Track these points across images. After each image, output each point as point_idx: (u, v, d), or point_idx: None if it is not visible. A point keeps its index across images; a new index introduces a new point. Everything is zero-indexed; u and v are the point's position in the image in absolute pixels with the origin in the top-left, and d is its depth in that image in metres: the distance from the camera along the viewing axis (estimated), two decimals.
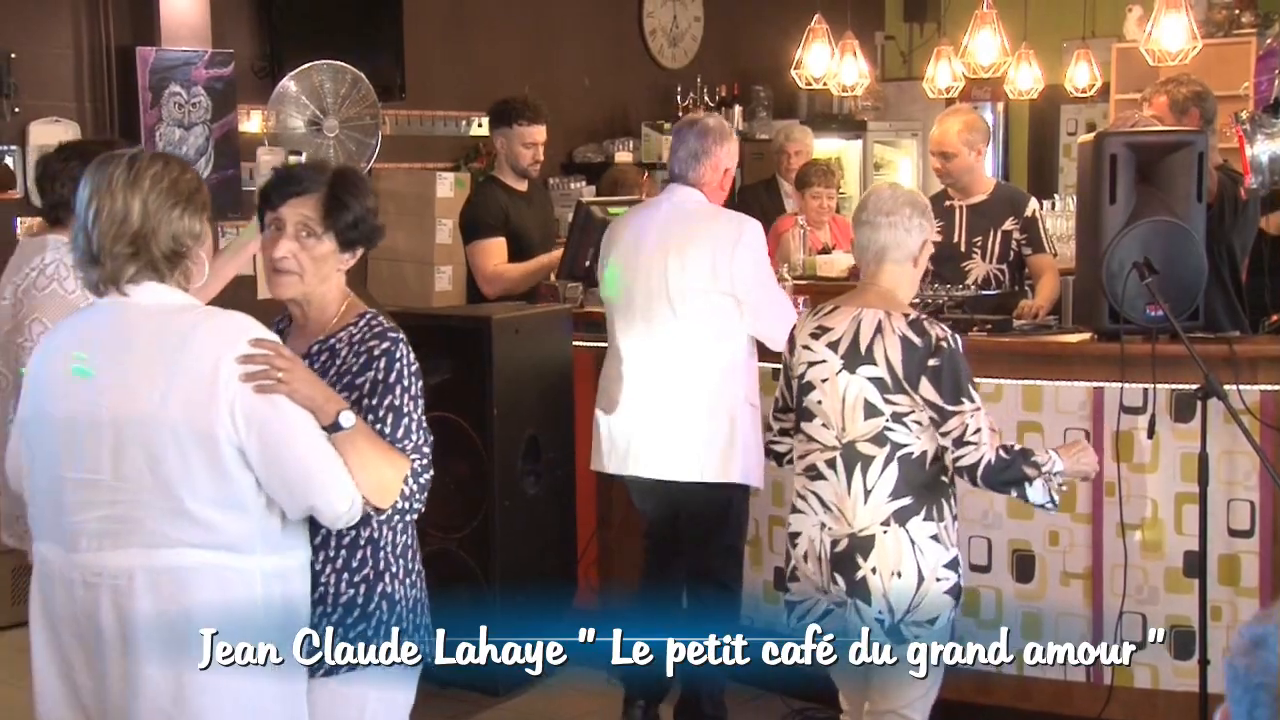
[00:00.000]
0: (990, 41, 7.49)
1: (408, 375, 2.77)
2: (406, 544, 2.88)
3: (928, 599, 3.39)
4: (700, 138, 4.31)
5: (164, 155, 2.75)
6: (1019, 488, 3.35)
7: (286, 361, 2.61)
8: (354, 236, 2.82)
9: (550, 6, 8.62)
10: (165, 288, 2.66)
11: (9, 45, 6.18)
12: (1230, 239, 4.87)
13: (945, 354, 3.34)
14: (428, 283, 7.40)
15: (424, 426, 2.79)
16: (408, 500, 2.73)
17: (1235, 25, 8.85)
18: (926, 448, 3.39)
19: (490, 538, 4.87)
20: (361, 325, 2.82)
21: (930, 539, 3.39)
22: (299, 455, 2.61)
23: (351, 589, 2.78)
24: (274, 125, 6.68)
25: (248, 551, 2.64)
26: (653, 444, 4.31)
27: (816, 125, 8.78)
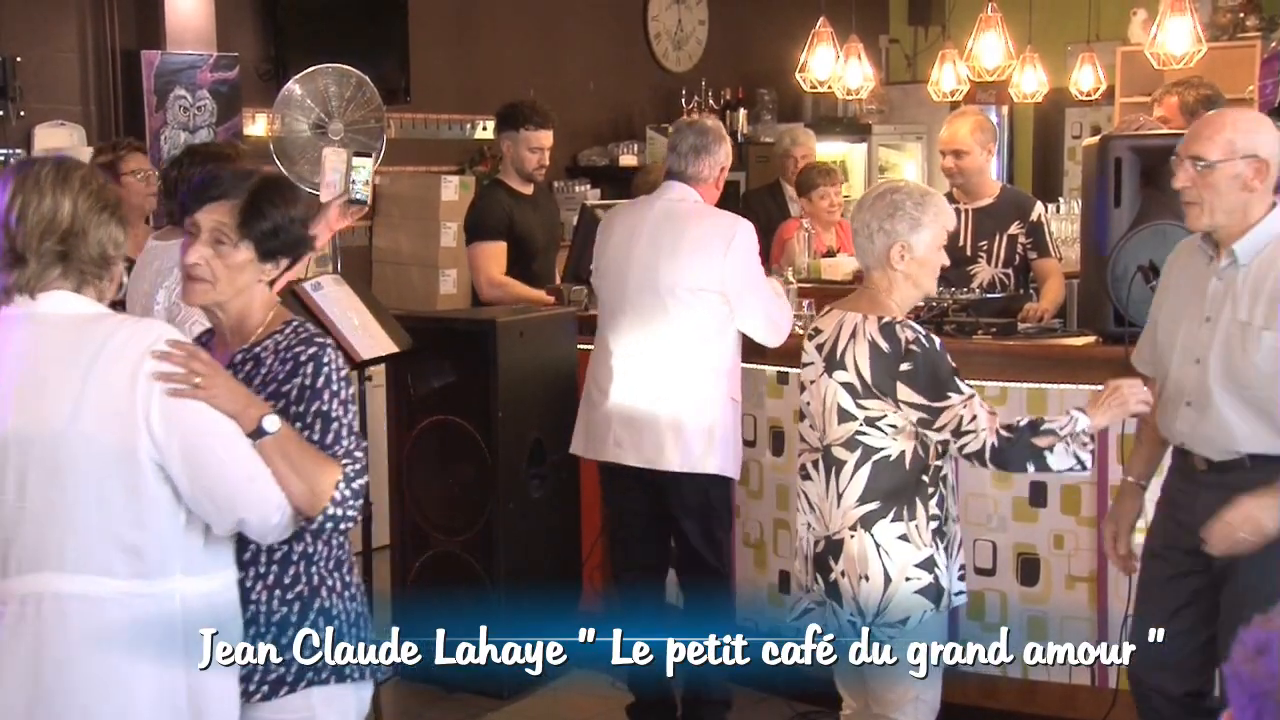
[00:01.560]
0: (995, 45, 7.49)
1: (336, 380, 2.67)
2: (340, 558, 2.76)
3: (895, 600, 3.40)
4: (700, 135, 4.39)
5: (77, 161, 2.69)
6: (1037, 460, 3.29)
7: (205, 366, 2.52)
8: (273, 246, 2.70)
9: (555, 10, 8.63)
10: (76, 297, 2.58)
11: (14, 49, 6.18)
12: None
13: (917, 356, 3.33)
14: (432, 286, 7.41)
15: (355, 432, 2.69)
16: (340, 507, 2.62)
17: (1240, 28, 8.85)
18: (904, 448, 3.38)
19: (494, 541, 4.87)
20: (287, 332, 2.71)
21: (898, 539, 3.39)
22: (223, 463, 2.52)
23: (285, 606, 2.68)
24: (279, 129, 6.68)
25: (165, 575, 2.53)
26: (637, 434, 4.35)
27: (821, 128, 8.79)
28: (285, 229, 2.70)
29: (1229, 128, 3.32)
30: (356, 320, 4.61)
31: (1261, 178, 3.28)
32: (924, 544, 3.38)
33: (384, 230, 7.60)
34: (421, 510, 5.04)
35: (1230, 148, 3.28)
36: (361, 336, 4.60)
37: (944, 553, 3.41)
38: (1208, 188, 3.31)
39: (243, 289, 2.70)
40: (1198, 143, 3.33)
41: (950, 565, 3.44)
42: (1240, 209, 3.30)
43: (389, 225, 7.58)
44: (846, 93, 7.70)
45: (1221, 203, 3.30)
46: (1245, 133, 3.30)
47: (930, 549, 3.38)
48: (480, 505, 4.88)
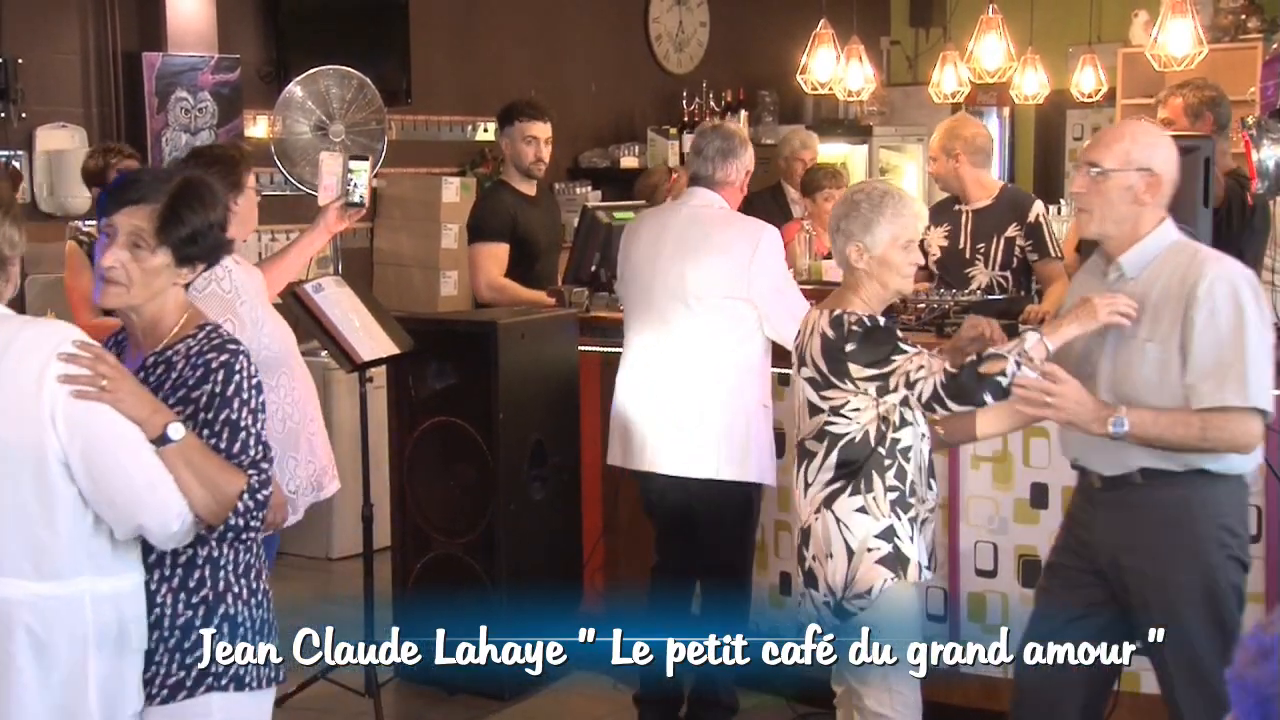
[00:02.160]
0: (996, 46, 7.48)
1: (247, 388, 2.65)
2: (250, 563, 2.75)
3: (860, 573, 3.47)
4: (727, 139, 4.42)
5: None
6: (991, 387, 3.25)
7: (111, 369, 2.52)
8: (192, 252, 2.67)
9: (556, 11, 8.63)
10: None
11: (16, 51, 6.18)
12: (1239, 244, 4.86)
13: (858, 334, 3.40)
14: (433, 287, 7.41)
15: (264, 442, 2.67)
16: (243, 517, 2.62)
17: (1241, 30, 8.84)
18: (868, 428, 3.45)
19: (495, 542, 4.87)
20: (200, 338, 2.68)
21: (856, 512, 3.47)
22: (124, 468, 2.52)
23: (190, 610, 2.67)
24: (280, 130, 6.69)
25: (73, 575, 2.56)
26: (670, 442, 4.36)
27: (822, 130, 8.78)
28: (203, 234, 2.67)
29: (1128, 138, 3.33)
30: (357, 322, 4.61)
31: (1153, 192, 3.27)
32: (882, 514, 3.45)
33: (385, 232, 7.60)
34: (422, 512, 5.03)
35: (1125, 158, 3.28)
36: (362, 338, 4.60)
37: (908, 524, 3.46)
38: (1099, 195, 3.30)
39: (158, 292, 2.67)
40: (1096, 149, 3.34)
41: (915, 537, 3.47)
42: (1130, 221, 3.29)
43: (390, 227, 7.58)
44: (847, 94, 7.69)
45: (1111, 212, 3.30)
46: (1142, 145, 3.29)
47: (889, 519, 3.45)
48: (481, 507, 4.88)
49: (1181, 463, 3.25)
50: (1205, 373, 3.17)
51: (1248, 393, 3.15)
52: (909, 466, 3.47)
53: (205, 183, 2.76)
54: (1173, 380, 3.20)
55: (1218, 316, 3.17)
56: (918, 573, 3.47)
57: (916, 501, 3.49)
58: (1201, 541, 3.26)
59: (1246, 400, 3.15)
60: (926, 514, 3.53)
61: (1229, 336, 3.16)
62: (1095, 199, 3.31)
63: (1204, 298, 3.18)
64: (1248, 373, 3.15)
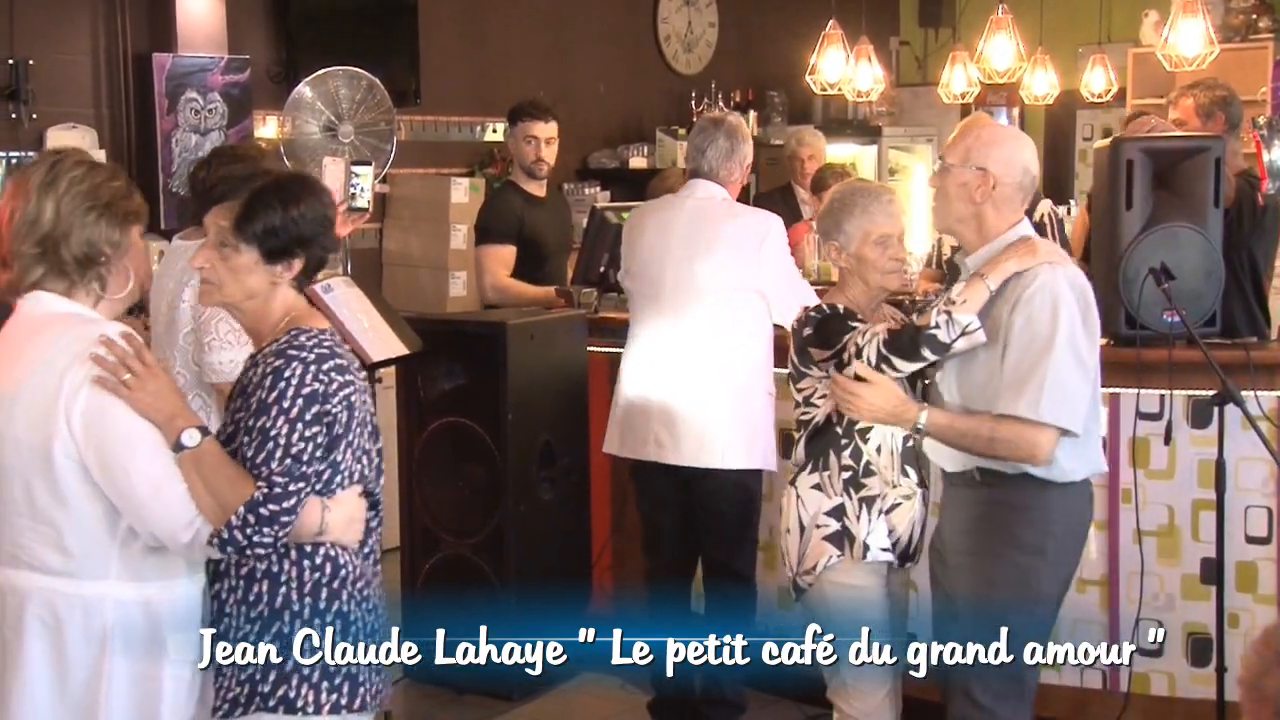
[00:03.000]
0: (1005, 46, 7.47)
1: (291, 398, 2.54)
2: (321, 581, 2.62)
3: (810, 548, 3.51)
4: (729, 136, 4.44)
5: (90, 161, 2.69)
6: (928, 342, 3.22)
7: (141, 369, 2.51)
8: (274, 246, 2.62)
9: (565, 12, 8.63)
10: (53, 297, 2.60)
11: (27, 52, 6.19)
12: (1250, 244, 4.85)
13: (815, 320, 3.48)
14: (442, 288, 7.41)
15: (295, 455, 2.53)
16: (237, 530, 2.48)
17: (1252, 30, 8.82)
18: (828, 410, 3.50)
19: (505, 543, 4.87)
20: (281, 341, 2.62)
21: (812, 489, 3.53)
22: (128, 473, 2.49)
23: (249, 625, 2.61)
24: (289, 131, 6.69)
25: (94, 577, 2.54)
26: (677, 432, 4.38)
27: (831, 131, 8.77)
28: (282, 229, 2.62)
29: (972, 135, 3.32)
30: (367, 322, 4.61)
31: (984, 193, 3.23)
32: (835, 493, 3.50)
33: (394, 232, 7.60)
34: (431, 512, 5.04)
35: (965, 155, 3.26)
36: (372, 338, 4.59)
37: (859, 503, 3.47)
38: (940, 189, 3.31)
39: (254, 291, 2.65)
40: (949, 143, 3.37)
41: (869, 518, 3.47)
42: (971, 220, 3.27)
43: (399, 227, 7.58)
44: (857, 95, 7.70)
45: (950, 208, 3.30)
46: (984, 144, 3.27)
47: (841, 498, 3.49)
48: (490, 507, 4.88)
49: (1011, 465, 3.24)
50: (1008, 380, 3.17)
51: (1040, 407, 3.12)
52: (866, 447, 3.48)
53: (293, 178, 2.74)
54: (995, 384, 3.20)
55: (1032, 324, 3.14)
56: (863, 552, 3.46)
57: (877, 482, 3.48)
58: (1019, 546, 3.25)
59: (1038, 415, 3.12)
60: (899, 499, 3.50)
61: (1037, 347, 3.13)
62: (938, 194, 3.33)
63: (1023, 304, 3.15)
64: (1045, 386, 3.11)
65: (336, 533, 2.63)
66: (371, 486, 2.75)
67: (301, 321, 2.67)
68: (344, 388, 2.62)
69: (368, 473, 2.72)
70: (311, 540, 2.61)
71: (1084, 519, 3.38)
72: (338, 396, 2.60)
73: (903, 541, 3.52)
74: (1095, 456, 3.33)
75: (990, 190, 3.23)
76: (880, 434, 3.48)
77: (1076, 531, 3.35)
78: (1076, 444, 3.22)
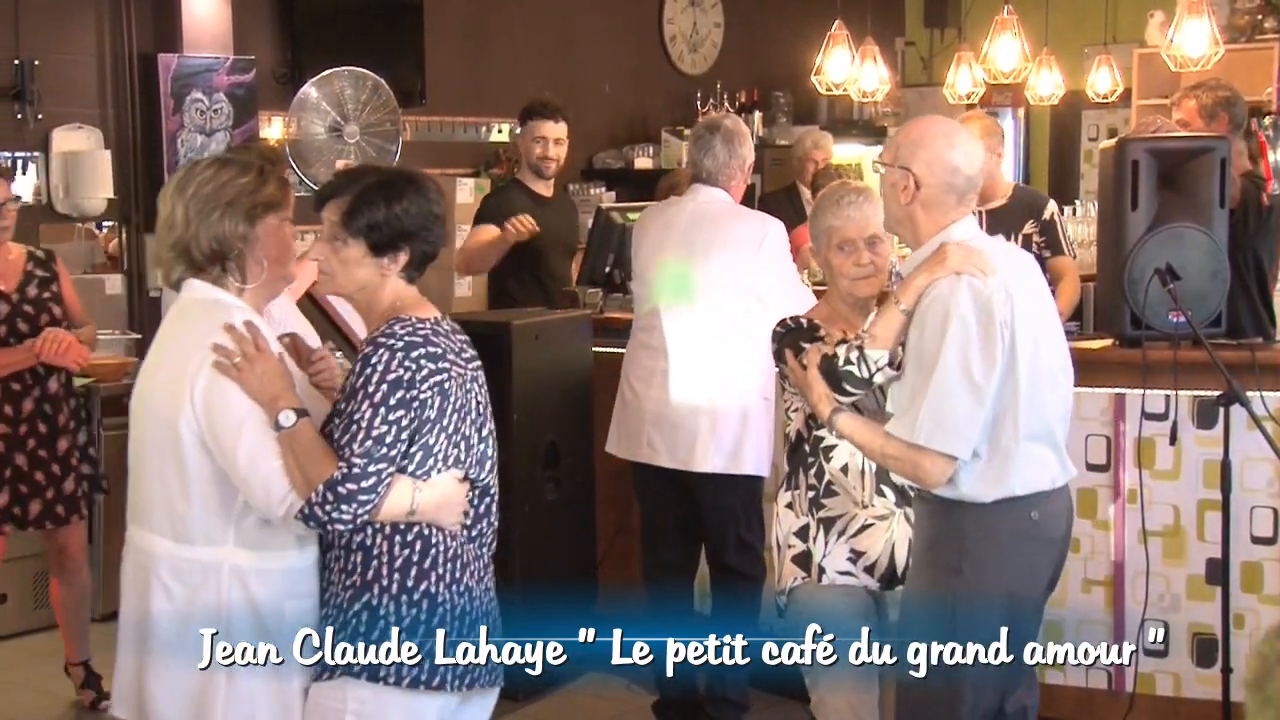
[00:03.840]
0: (1011, 47, 7.47)
1: (377, 383, 2.68)
2: (412, 560, 2.75)
3: (783, 568, 3.50)
4: (726, 140, 4.44)
5: (224, 160, 2.90)
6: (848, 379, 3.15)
7: (253, 350, 2.70)
8: (379, 239, 2.78)
9: (570, 13, 8.63)
10: (203, 284, 2.82)
11: (32, 52, 6.21)
12: (1255, 245, 4.85)
13: (778, 334, 3.45)
14: (447, 288, 7.40)
15: (377, 438, 2.66)
16: (317, 506, 2.63)
17: (1258, 31, 8.81)
18: (799, 426, 3.48)
19: (510, 543, 4.85)
20: (382, 330, 2.78)
21: (786, 508, 3.51)
22: (232, 449, 2.67)
23: (344, 593, 2.75)
24: (295, 132, 6.70)
25: (210, 544, 2.73)
26: (671, 435, 4.40)
27: (837, 131, 8.76)
28: (386, 224, 2.77)
29: (904, 134, 3.20)
30: None
31: (909, 194, 3.09)
32: (802, 513, 3.47)
33: None
34: None
35: (894, 154, 3.15)
36: None
37: (818, 524, 3.43)
38: (881, 191, 3.24)
39: (364, 282, 2.81)
40: (887, 143, 3.28)
41: (826, 540, 3.41)
42: (906, 221, 3.14)
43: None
44: (862, 95, 7.70)
45: (887, 209, 3.21)
46: (911, 143, 3.12)
47: (806, 518, 3.46)
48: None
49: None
50: (897, 398, 3.09)
51: (914, 427, 2.99)
52: (829, 465, 3.43)
53: (400, 175, 2.89)
54: (901, 395, 3.10)
55: (923, 339, 3.02)
56: (818, 575, 3.41)
57: (839, 503, 3.41)
58: (938, 565, 3.14)
59: (912, 435, 2.99)
60: (871, 519, 3.41)
61: (925, 366, 3.00)
62: (881, 193, 3.27)
63: (918, 319, 3.04)
64: (923, 408, 2.98)
65: (429, 513, 2.74)
66: (476, 473, 2.86)
67: (405, 311, 2.81)
68: (436, 374, 2.74)
69: (464, 458, 2.82)
70: (405, 519, 2.73)
71: (1024, 536, 3.13)
72: (428, 383, 2.72)
73: (882, 564, 3.41)
74: (1016, 477, 3.08)
75: (915, 191, 3.09)
76: (845, 451, 3.38)
77: (1008, 549, 3.12)
78: (981, 465, 3.04)
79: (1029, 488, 3.11)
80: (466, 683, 2.81)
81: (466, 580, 2.84)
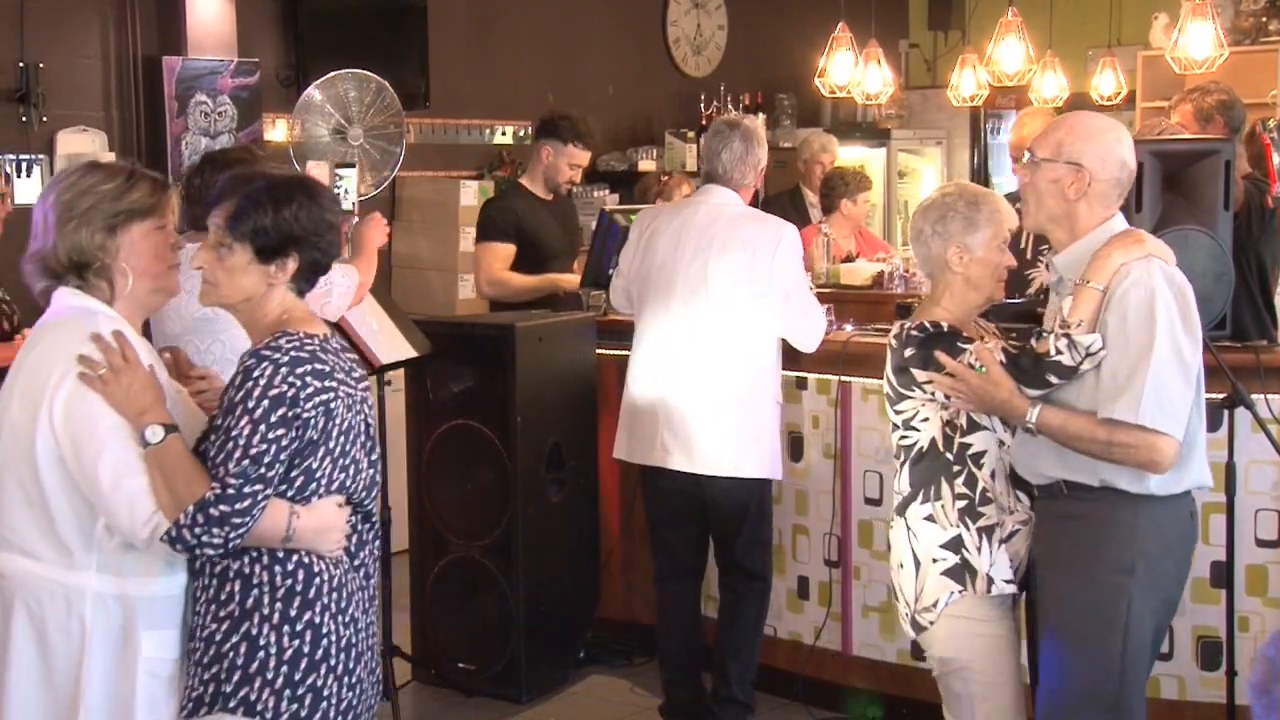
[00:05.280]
0: (1015, 49, 7.46)
1: (258, 399, 2.52)
2: (294, 589, 2.59)
3: (927, 585, 3.36)
4: (745, 139, 4.44)
5: (86, 168, 2.76)
6: (1052, 368, 3.09)
7: (120, 362, 2.57)
8: (264, 245, 2.63)
9: (574, 15, 8.64)
10: (71, 291, 2.70)
11: (37, 55, 6.21)
12: (1258, 248, 4.84)
13: (917, 339, 3.33)
14: (451, 291, 7.41)
15: (254, 457, 2.51)
16: (182, 528, 2.48)
17: (1262, 33, 8.80)
18: (934, 434, 3.36)
19: (514, 546, 4.87)
20: (266, 342, 2.62)
21: (924, 520, 3.36)
22: (93, 462, 2.54)
23: (216, 624, 2.59)
24: (299, 134, 6.71)
25: (77, 568, 2.60)
26: (685, 438, 4.37)
27: (841, 133, 8.76)
28: (273, 228, 2.62)
29: (1064, 128, 3.17)
30: (375, 325, 4.62)
31: (1079, 188, 3.10)
32: (950, 524, 3.32)
33: (403, 235, 7.61)
34: (440, 515, 5.04)
35: (1058, 149, 3.13)
36: (380, 342, 4.60)
37: (977, 534, 3.31)
38: (1031, 186, 3.18)
39: (250, 292, 2.66)
40: (1039, 137, 3.22)
41: (990, 549, 3.31)
42: (1064, 218, 3.14)
43: (408, 230, 7.59)
44: (866, 97, 7.69)
45: (1042, 205, 3.17)
46: (1078, 138, 3.13)
47: (957, 529, 3.32)
48: (499, 510, 4.88)
49: (1096, 477, 3.10)
50: (1107, 383, 3.04)
51: (1139, 410, 2.97)
52: (980, 473, 3.33)
53: (290, 180, 2.74)
54: (1090, 386, 3.07)
55: (1127, 324, 3.01)
56: (986, 586, 3.30)
57: (995, 510, 3.33)
58: (1105, 564, 3.10)
59: (1137, 418, 2.97)
60: (1017, 525, 3.33)
61: (1134, 348, 2.99)
62: (1029, 190, 3.20)
63: (1117, 302, 3.03)
64: (1144, 390, 2.97)
65: (307, 540, 2.60)
66: (361, 497, 2.71)
67: (293, 325, 2.65)
68: (322, 393, 2.58)
69: (350, 484, 2.67)
70: (280, 545, 2.59)
71: (1184, 536, 3.18)
72: (312, 402, 2.57)
73: (1022, 570, 3.37)
74: (1197, 468, 3.14)
75: (1085, 187, 3.10)
76: (992, 459, 3.33)
77: (1175, 549, 3.16)
78: None
79: (1203, 482, 3.17)
80: (350, 718, 2.66)
81: (352, 611, 2.68)
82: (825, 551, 4.79)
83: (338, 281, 4.17)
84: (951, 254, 3.38)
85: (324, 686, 2.60)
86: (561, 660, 5.10)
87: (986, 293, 3.43)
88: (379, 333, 4.62)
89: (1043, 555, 3.25)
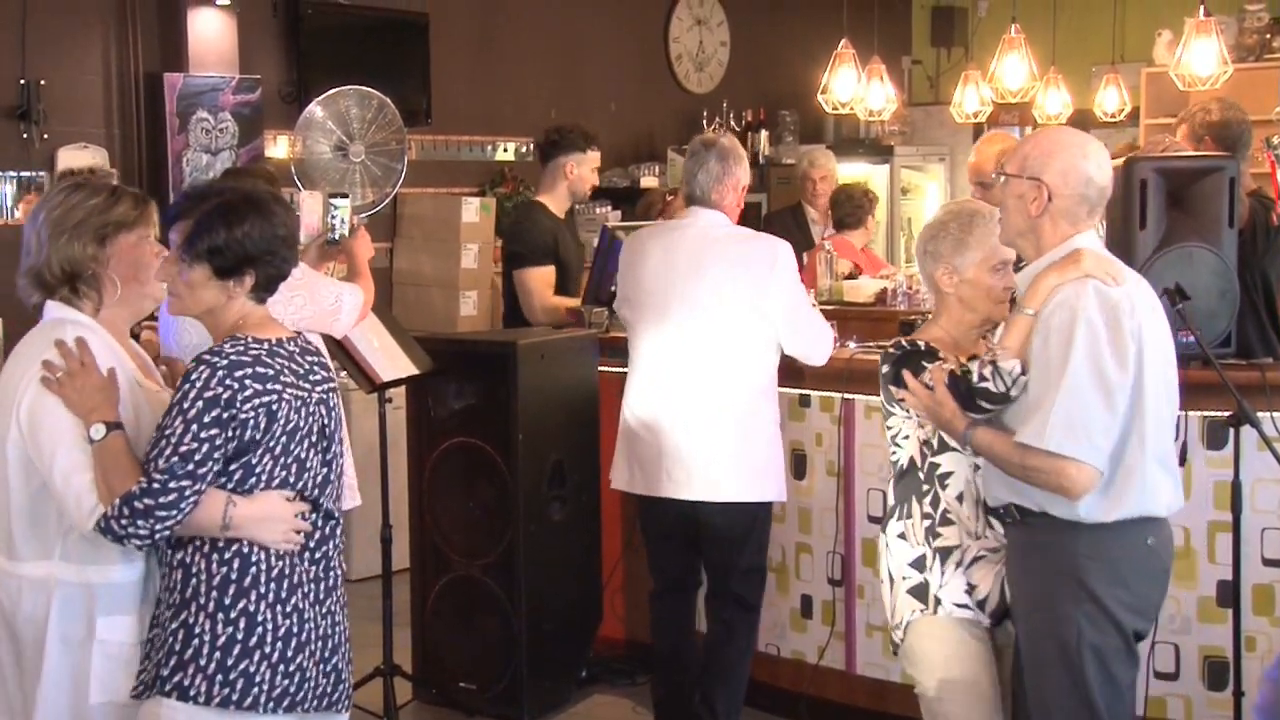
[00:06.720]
0: (1018, 66, 7.46)
1: (193, 400, 2.66)
2: (229, 577, 2.72)
3: (898, 602, 3.39)
4: (721, 160, 4.37)
5: (75, 184, 2.95)
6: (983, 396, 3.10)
7: (77, 365, 2.75)
8: (222, 263, 2.75)
9: (576, 32, 8.64)
10: (57, 304, 2.89)
11: (38, 72, 6.21)
12: (1263, 265, 4.82)
13: (893, 357, 3.35)
14: (453, 307, 7.40)
15: (184, 454, 2.64)
16: (110, 520, 2.64)
17: (1267, 50, 8.80)
18: (912, 452, 3.39)
19: (515, 564, 4.85)
20: (210, 348, 2.76)
21: (898, 538, 3.40)
22: (47, 457, 2.73)
23: (168, 610, 2.76)
24: (300, 151, 6.70)
25: (36, 559, 2.80)
26: (686, 466, 4.31)
27: (843, 150, 8.76)
28: (228, 248, 2.74)
29: (1031, 143, 3.15)
30: (377, 342, 4.60)
31: (1040, 204, 3.07)
32: (918, 542, 3.36)
33: (405, 252, 7.61)
34: (441, 533, 5.02)
35: (1023, 164, 3.11)
36: (381, 358, 4.59)
37: (934, 554, 3.33)
38: (1001, 202, 3.18)
39: (212, 305, 2.80)
40: (1011, 151, 3.20)
41: (942, 571, 3.32)
42: (1029, 233, 3.12)
43: (410, 247, 7.59)
44: (869, 114, 7.68)
45: (1009, 221, 3.16)
46: (1042, 154, 3.09)
47: (923, 548, 3.35)
48: (501, 528, 4.86)
49: (1034, 502, 3.08)
50: (1024, 406, 3.03)
51: (1045, 434, 2.95)
52: (945, 494, 3.34)
53: (243, 198, 2.83)
54: (1025, 405, 3.05)
55: (1048, 345, 2.99)
56: (934, 607, 3.31)
57: (956, 533, 3.32)
58: (1051, 591, 3.08)
59: (1042, 442, 2.95)
60: (983, 550, 3.33)
61: (1050, 369, 2.97)
62: (1001, 206, 3.19)
63: (1042, 325, 3.01)
64: (1051, 414, 2.94)
65: (247, 529, 2.72)
66: (314, 495, 2.82)
67: (247, 330, 2.79)
68: (263, 395, 2.71)
69: (294, 480, 2.78)
70: (220, 533, 2.72)
71: (1141, 569, 3.10)
72: (250, 404, 2.69)
73: (993, 600, 3.31)
74: (1138, 495, 3.04)
75: (1046, 203, 3.08)
76: (961, 479, 3.33)
77: (1128, 581, 3.08)
78: (1103, 482, 2.99)
79: (1148, 510, 3.06)
80: (286, 705, 2.75)
81: (296, 601, 2.78)
82: (829, 570, 4.76)
83: (347, 300, 4.15)
84: (941, 274, 3.39)
85: (256, 673, 2.71)
86: (563, 679, 5.07)
87: (982, 313, 3.41)
88: (380, 350, 4.60)
89: (1010, 583, 3.26)
